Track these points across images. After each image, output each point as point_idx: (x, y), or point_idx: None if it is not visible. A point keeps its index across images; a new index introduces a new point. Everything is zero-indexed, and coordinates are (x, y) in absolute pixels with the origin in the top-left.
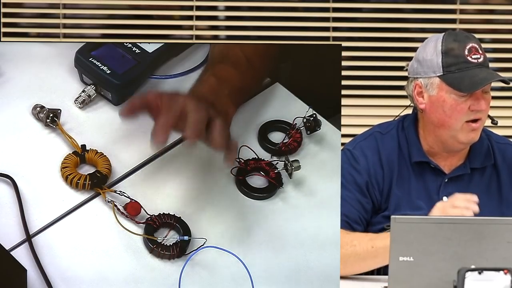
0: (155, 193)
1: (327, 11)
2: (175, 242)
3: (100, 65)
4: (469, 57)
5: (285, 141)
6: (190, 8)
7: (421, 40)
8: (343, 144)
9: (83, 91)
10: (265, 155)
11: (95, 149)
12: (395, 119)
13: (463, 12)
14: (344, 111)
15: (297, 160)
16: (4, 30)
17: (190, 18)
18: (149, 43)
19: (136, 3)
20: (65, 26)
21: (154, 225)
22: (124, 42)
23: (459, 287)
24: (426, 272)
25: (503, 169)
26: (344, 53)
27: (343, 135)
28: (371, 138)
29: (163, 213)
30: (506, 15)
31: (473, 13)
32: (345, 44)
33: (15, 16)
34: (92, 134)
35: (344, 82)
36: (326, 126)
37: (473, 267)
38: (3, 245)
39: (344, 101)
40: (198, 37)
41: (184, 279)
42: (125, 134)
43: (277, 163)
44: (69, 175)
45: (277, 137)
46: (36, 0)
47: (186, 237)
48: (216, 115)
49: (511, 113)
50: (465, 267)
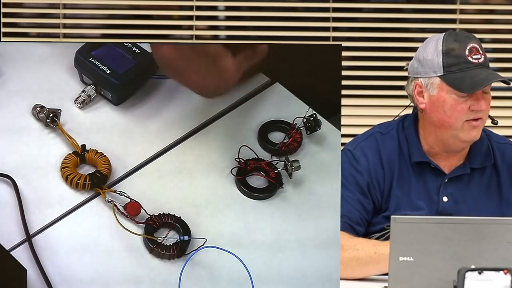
0: (155, 193)
1: (327, 11)
2: (175, 242)
3: (100, 65)
4: (469, 57)
5: (285, 141)
6: (190, 8)
7: (421, 40)
8: (343, 144)
9: (83, 91)
10: (265, 155)
11: (95, 149)
12: (395, 119)
13: (463, 12)
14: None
15: (297, 160)
16: (4, 30)
17: (190, 18)
18: (149, 43)
19: (136, 3)
20: (65, 26)
21: (154, 225)
22: (124, 42)
23: (459, 287)
24: (426, 272)
25: (503, 169)
26: (344, 53)
27: (343, 135)
28: (371, 139)
29: (163, 213)
30: (506, 15)
31: (473, 13)
32: (345, 44)
33: (15, 16)
34: (92, 134)
35: (344, 82)
36: (326, 126)
37: (473, 267)
38: (3, 245)
39: (344, 101)
40: (198, 37)
41: (184, 279)
42: (125, 134)
43: (277, 163)
44: (69, 175)
45: (277, 137)
46: (36, 0)
47: (186, 237)
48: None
49: (511, 113)
50: (465, 267)
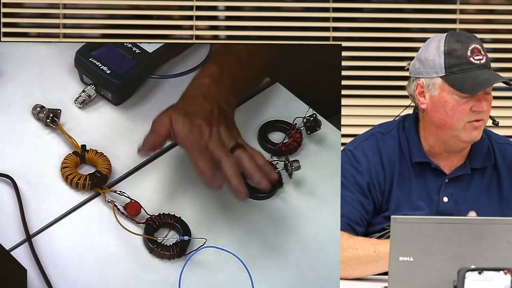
0: (155, 193)
1: (327, 11)
2: (175, 242)
3: (100, 65)
4: (471, 58)
5: (285, 141)
6: (190, 8)
7: (422, 40)
8: (343, 144)
9: (83, 91)
10: (265, 155)
11: (95, 149)
12: (395, 119)
13: (463, 12)
14: (344, 111)
15: (297, 160)
16: (4, 30)
17: (190, 18)
18: (149, 43)
19: (136, 3)
20: (65, 26)
21: (154, 225)
22: (124, 42)
23: (459, 287)
24: (426, 272)
25: (503, 169)
26: (344, 53)
27: (343, 135)
28: (372, 139)
29: (163, 213)
30: (506, 15)
31: (473, 13)
32: (345, 44)
33: (15, 16)
34: (92, 134)
35: (344, 82)
36: (326, 126)
37: (473, 267)
38: (3, 245)
39: (344, 101)
40: (198, 37)
41: (184, 279)
42: (125, 134)
43: (277, 163)
44: (69, 175)
45: (277, 137)
46: (36, 0)
47: (186, 237)
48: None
49: (511, 113)
50: (465, 267)
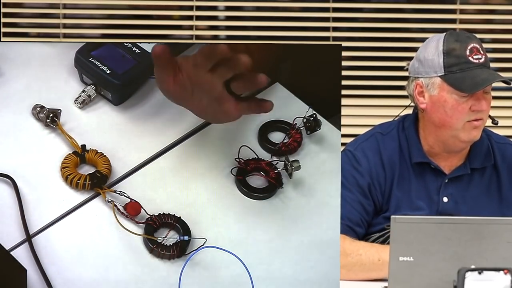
0: (155, 193)
1: (327, 11)
2: (175, 242)
3: (100, 65)
4: (470, 58)
5: (285, 141)
6: (190, 8)
7: (421, 40)
8: (343, 144)
9: (83, 91)
10: (265, 155)
11: (95, 149)
12: (395, 119)
13: (463, 12)
14: (344, 111)
15: (297, 160)
16: (4, 30)
17: (190, 18)
18: (149, 43)
19: (136, 3)
20: (65, 26)
21: (154, 225)
22: (124, 42)
23: (459, 287)
24: (426, 272)
25: (503, 169)
26: (344, 53)
27: (343, 135)
28: (372, 139)
29: (163, 213)
30: (506, 15)
31: (473, 13)
32: (345, 44)
33: (15, 16)
34: (92, 134)
35: (344, 82)
36: (326, 126)
37: (473, 267)
38: (3, 245)
39: (344, 101)
40: (198, 37)
41: (184, 279)
42: (125, 134)
43: (277, 163)
44: (69, 175)
45: (277, 137)
46: (36, 0)
47: (186, 237)
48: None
49: (511, 113)
50: (465, 267)
